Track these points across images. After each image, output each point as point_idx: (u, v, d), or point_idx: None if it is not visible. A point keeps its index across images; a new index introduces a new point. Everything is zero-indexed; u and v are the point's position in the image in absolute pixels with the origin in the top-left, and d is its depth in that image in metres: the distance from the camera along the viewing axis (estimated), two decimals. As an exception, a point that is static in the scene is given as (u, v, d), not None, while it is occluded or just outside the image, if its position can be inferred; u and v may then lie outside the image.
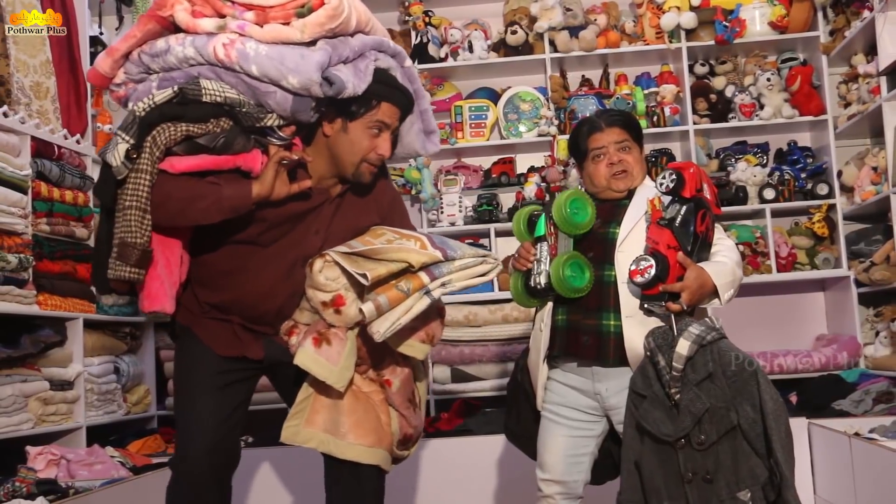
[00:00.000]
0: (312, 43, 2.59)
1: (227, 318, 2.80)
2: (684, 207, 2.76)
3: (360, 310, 2.59)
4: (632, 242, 2.83)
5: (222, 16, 2.62)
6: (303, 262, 2.75)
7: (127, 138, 2.51)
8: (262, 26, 2.58)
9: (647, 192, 2.88)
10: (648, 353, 2.65)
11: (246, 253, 2.75)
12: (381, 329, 2.59)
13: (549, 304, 2.94)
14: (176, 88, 2.57)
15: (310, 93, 2.55)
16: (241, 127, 2.62)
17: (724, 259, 2.81)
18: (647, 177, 3.03)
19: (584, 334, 2.85)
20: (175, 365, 2.89)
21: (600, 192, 2.98)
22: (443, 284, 2.67)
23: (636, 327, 2.77)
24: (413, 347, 2.78)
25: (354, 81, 2.61)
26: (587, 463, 2.94)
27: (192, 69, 2.61)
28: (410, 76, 2.87)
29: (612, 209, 2.94)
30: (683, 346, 2.58)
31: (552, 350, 2.93)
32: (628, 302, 2.79)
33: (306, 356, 2.69)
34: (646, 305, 2.75)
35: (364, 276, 2.59)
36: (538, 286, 2.87)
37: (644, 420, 2.63)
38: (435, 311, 2.80)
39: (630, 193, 2.96)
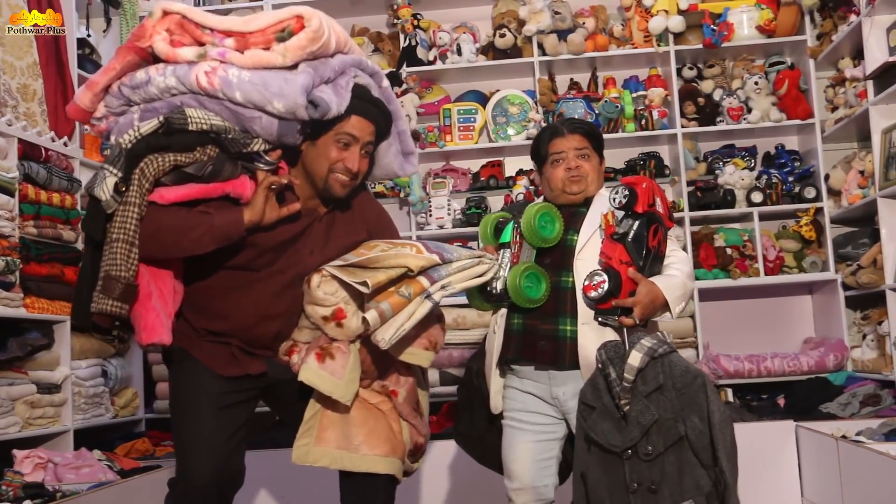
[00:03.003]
0: (294, 66, 2.58)
1: (225, 341, 2.78)
2: (636, 223, 2.81)
3: (364, 318, 2.57)
4: (590, 251, 2.87)
5: (201, 44, 2.61)
6: (298, 282, 2.75)
7: (115, 171, 2.50)
8: (242, 52, 2.57)
9: (604, 202, 2.91)
10: (600, 366, 2.67)
11: (240, 279, 2.74)
12: (385, 336, 2.58)
13: (504, 309, 2.96)
14: (161, 118, 2.55)
15: (295, 116, 2.54)
16: (228, 154, 2.61)
17: (675, 272, 2.86)
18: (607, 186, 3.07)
19: (541, 339, 2.88)
20: (173, 388, 2.85)
21: (556, 196, 3.02)
22: (443, 287, 2.68)
23: (591, 334, 2.80)
24: (417, 355, 2.78)
25: (337, 101, 2.61)
26: (554, 467, 2.95)
27: (175, 98, 2.60)
28: (387, 96, 2.87)
29: (570, 217, 2.98)
30: (635, 358, 2.61)
31: (507, 353, 2.94)
32: (585, 309, 2.82)
33: (310, 372, 2.68)
34: (599, 319, 2.80)
35: (364, 284, 2.58)
36: (494, 291, 2.88)
37: (592, 431, 2.65)
38: (434, 318, 2.80)
39: (587, 202, 3.00)
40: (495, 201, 5.54)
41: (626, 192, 2.81)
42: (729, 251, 5.17)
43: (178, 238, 2.57)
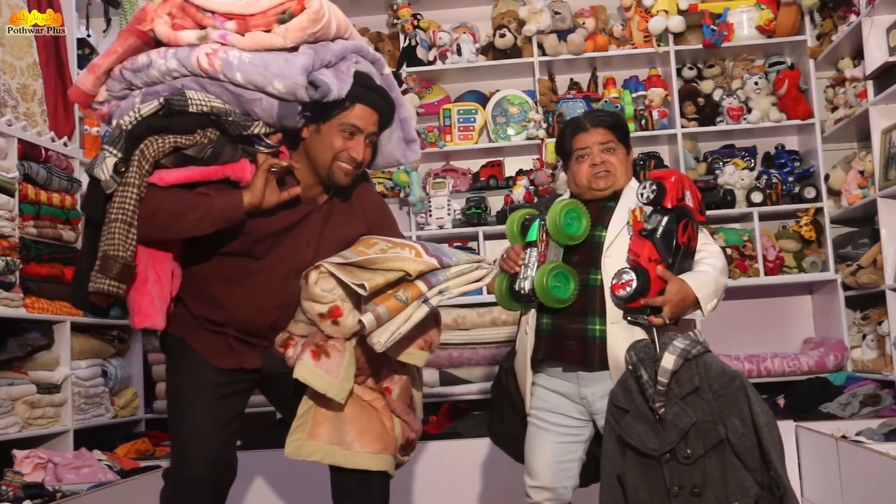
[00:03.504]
0: (295, 48, 2.59)
1: (221, 331, 2.79)
2: (665, 218, 2.74)
3: (360, 321, 2.58)
4: (619, 247, 2.81)
5: (203, 27, 2.62)
6: (296, 274, 2.75)
7: (115, 152, 2.51)
8: (243, 35, 2.58)
9: (633, 196, 2.86)
10: (630, 368, 2.64)
11: (238, 265, 2.74)
12: (381, 339, 2.59)
13: (534, 308, 2.93)
14: (162, 100, 2.56)
15: (296, 97, 2.55)
16: (229, 136, 2.62)
17: (707, 268, 2.79)
18: (634, 178, 3.01)
19: (570, 339, 2.84)
20: (169, 376, 2.87)
21: (583, 192, 2.96)
22: (440, 292, 2.68)
23: (621, 334, 2.76)
24: (413, 355, 2.78)
25: (338, 84, 2.61)
26: (575, 469, 2.93)
27: (176, 81, 2.61)
28: (389, 84, 2.87)
29: (598, 212, 2.92)
30: (669, 361, 2.56)
31: (537, 354, 2.92)
32: (614, 308, 2.78)
33: (306, 369, 2.69)
34: (629, 318, 2.75)
35: (362, 286, 2.58)
36: (522, 291, 2.85)
37: (627, 434, 2.62)
38: (432, 319, 2.79)
39: (616, 195, 2.94)
40: (495, 201, 5.53)
41: (654, 187, 2.75)
42: (729, 251, 5.16)
43: (176, 219, 2.58)
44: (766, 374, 5.00)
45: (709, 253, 2.85)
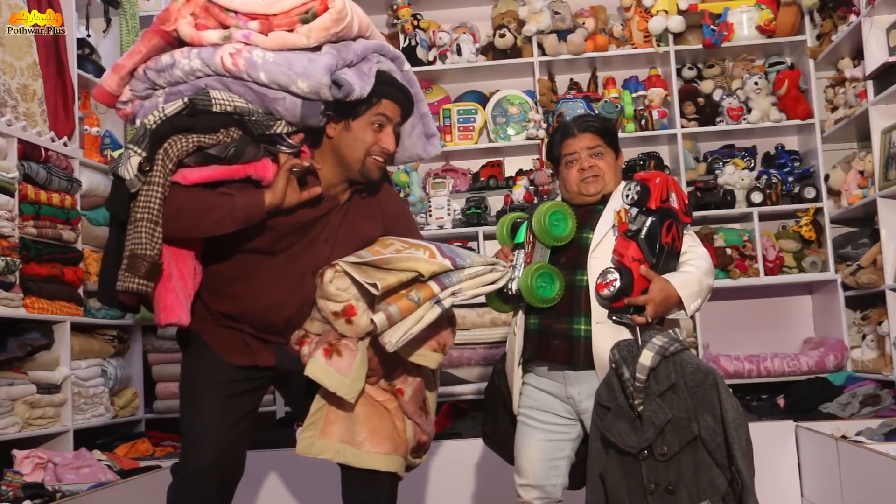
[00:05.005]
0: (318, 48, 2.62)
1: (237, 327, 2.81)
2: (650, 219, 2.78)
3: (372, 320, 2.59)
4: (605, 248, 2.84)
5: (226, 27, 2.65)
6: (312, 271, 2.76)
7: (139, 151, 2.52)
8: (266, 34, 2.61)
9: (619, 199, 2.90)
10: (613, 366, 2.67)
11: (255, 262, 2.76)
12: (392, 339, 2.59)
13: (522, 309, 2.96)
14: (186, 100, 2.58)
15: (319, 96, 2.57)
16: (251, 136, 2.63)
17: (691, 269, 2.82)
18: (625, 181, 3.04)
19: (555, 338, 2.87)
20: (183, 370, 2.88)
21: (572, 197, 3.00)
22: (453, 293, 2.69)
23: (606, 333, 2.78)
24: (425, 356, 2.78)
25: (360, 84, 2.64)
26: (564, 467, 2.95)
27: (199, 81, 2.63)
28: (409, 79, 2.92)
29: (586, 214, 2.95)
30: (647, 357, 2.60)
31: (525, 353, 2.94)
32: (599, 308, 2.81)
33: (317, 367, 2.69)
34: (613, 317, 2.78)
35: (374, 285, 2.59)
36: (510, 292, 2.89)
37: (608, 432, 2.65)
38: (445, 320, 2.80)
39: (605, 199, 2.97)
40: (495, 202, 5.54)
41: (639, 188, 2.79)
42: (729, 251, 5.17)
43: (199, 218, 2.59)
44: (766, 374, 5.00)
45: (694, 254, 2.88)
